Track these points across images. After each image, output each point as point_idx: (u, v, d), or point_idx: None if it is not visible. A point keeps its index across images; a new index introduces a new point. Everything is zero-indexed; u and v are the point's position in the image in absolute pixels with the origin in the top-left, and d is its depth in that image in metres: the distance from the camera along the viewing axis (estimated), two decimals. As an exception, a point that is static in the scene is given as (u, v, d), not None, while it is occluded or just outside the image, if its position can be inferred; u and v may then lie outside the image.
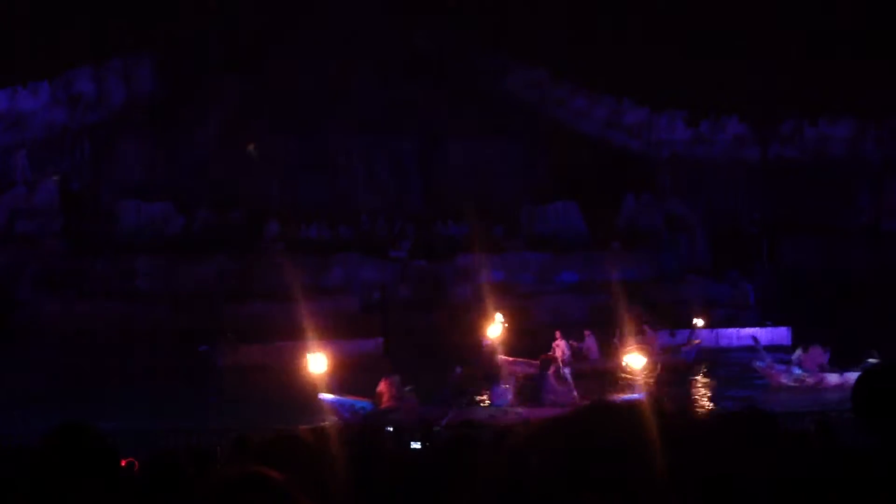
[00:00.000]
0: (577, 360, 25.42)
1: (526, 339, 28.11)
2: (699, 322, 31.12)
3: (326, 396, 20.05)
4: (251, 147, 34.21)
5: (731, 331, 32.88)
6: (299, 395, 25.39)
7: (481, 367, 25.55)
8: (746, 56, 41.80)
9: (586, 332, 27.23)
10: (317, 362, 24.04)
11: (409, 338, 30.81)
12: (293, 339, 28.65)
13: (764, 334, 33.03)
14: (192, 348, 29.27)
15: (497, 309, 29.70)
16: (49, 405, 20.25)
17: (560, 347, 25.37)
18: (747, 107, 43.28)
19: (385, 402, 18.95)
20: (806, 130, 44.41)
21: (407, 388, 19.31)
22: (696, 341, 29.68)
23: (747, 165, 43.92)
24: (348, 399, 19.79)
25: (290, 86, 40.69)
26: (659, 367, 23.95)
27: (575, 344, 26.66)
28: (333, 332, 29.31)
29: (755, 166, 43.98)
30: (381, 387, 19.26)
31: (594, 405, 1.44)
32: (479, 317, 29.84)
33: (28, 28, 38.56)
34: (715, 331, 32.80)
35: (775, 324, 33.57)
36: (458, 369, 20.67)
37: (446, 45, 44.28)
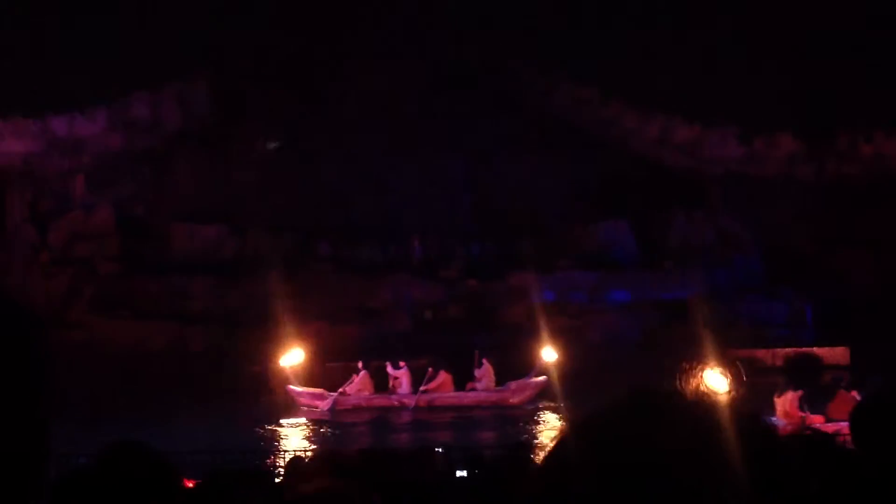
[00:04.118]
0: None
1: (329, 369, 27.98)
2: (549, 355, 26.98)
3: None
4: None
5: (789, 351, 32.31)
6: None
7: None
8: (800, 72, 41.26)
9: (401, 363, 26.68)
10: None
11: (460, 359, 30.74)
12: (344, 359, 28.77)
13: (822, 354, 32.43)
14: (245, 369, 29.51)
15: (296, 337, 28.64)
16: (102, 426, 20.50)
17: (360, 379, 25.85)
18: (801, 123, 42.68)
19: None
20: (862, 146, 43.67)
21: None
22: (538, 378, 26.36)
23: (802, 182, 43.25)
24: None
25: (339, 106, 41.02)
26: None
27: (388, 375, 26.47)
28: (384, 353, 29.34)
29: (810, 183, 43.31)
30: None
31: (636, 396, 1.20)
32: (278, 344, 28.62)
33: (84, 55, 39.38)
34: (771, 350, 32.22)
35: (833, 343, 32.94)
36: None
37: (495, 62, 44.31)
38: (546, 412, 24.82)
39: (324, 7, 42.82)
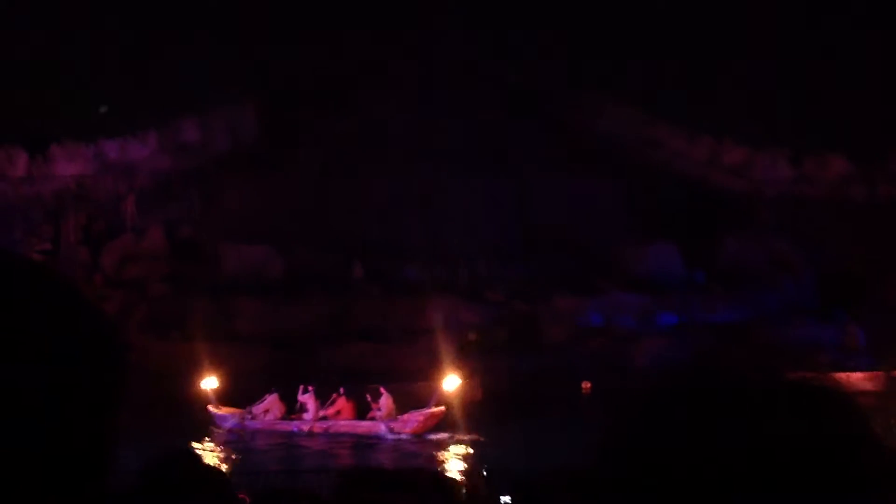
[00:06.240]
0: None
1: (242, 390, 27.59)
2: (451, 384, 25.57)
3: None
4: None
5: (841, 375, 31.60)
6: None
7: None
8: (851, 93, 40.73)
9: (309, 387, 26.24)
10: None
11: (507, 381, 30.63)
12: (390, 381, 28.74)
13: (875, 380, 31.73)
14: (293, 390, 29.55)
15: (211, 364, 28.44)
16: (149, 445, 20.64)
17: (268, 401, 25.67)
18: (853, 144, 42.07)
19: None
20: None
21: None
22: (434, 409, 25.23)
23: (854, 204, 42.57)
24: None
25: (384, 126, 41.22)
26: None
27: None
28: (430, 375, 29.26)
29: (862, 204, 42.61)
30: None
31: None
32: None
33: (135, 80, 40.13)
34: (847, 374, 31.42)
35: (888, 368, 32.20)
36: None
37: (541, 82, 44.32)
38: (447, 442, 24.36)
39: (371, 27, 43.24)
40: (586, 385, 32.09)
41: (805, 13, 42.53)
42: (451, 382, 25.79)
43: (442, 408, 25.34)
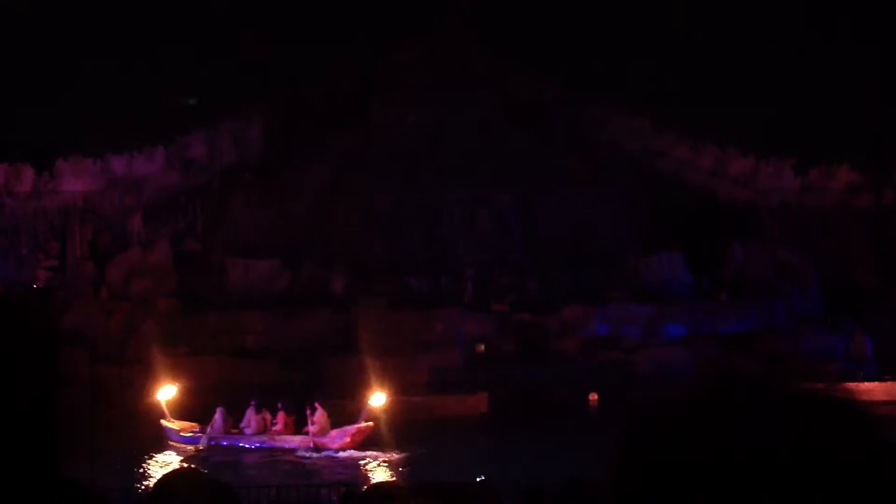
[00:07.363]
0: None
1: (199, 402, 27.32)
2: (377, 400, 25.79)
3: None
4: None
5: (850, 385, 31.51)
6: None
7: None
8: (856, 102, 40.75)
9: (252, 401, 26.09)
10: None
11: (514, 393, 30.61)
12: (396, 394, 28.72)
13: (883, 389, 31.61)
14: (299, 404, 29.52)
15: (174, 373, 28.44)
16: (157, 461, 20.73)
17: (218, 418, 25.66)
18: (858, 153, 42.05)
19: None
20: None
21: None
22: (362, 424, 25.23)
23: (860, 212, 42.51)
24: None
25: (391, 139, 41.26)
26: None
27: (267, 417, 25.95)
28: (436, 388, 29.23)
29: (869, 213, 42.55)
30: None
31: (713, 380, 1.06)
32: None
33: (142, 95, 40.33)
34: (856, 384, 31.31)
35: (896, 377, 32.11)
36: None
37: (547, 94, 44.36)
38: (372, 458, 24.18)
39: (376, 39, 43.38)
40: (593, 397, 32.05)
41: (810, 21, 42.59)
42: (378, 399, 25.75)
43: (370, 423, 25.27)
